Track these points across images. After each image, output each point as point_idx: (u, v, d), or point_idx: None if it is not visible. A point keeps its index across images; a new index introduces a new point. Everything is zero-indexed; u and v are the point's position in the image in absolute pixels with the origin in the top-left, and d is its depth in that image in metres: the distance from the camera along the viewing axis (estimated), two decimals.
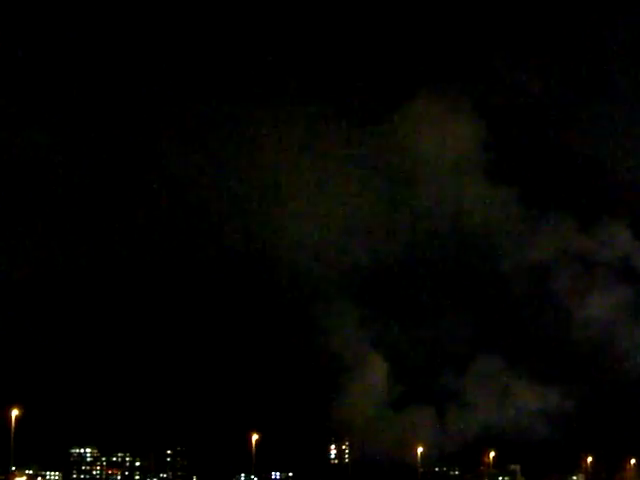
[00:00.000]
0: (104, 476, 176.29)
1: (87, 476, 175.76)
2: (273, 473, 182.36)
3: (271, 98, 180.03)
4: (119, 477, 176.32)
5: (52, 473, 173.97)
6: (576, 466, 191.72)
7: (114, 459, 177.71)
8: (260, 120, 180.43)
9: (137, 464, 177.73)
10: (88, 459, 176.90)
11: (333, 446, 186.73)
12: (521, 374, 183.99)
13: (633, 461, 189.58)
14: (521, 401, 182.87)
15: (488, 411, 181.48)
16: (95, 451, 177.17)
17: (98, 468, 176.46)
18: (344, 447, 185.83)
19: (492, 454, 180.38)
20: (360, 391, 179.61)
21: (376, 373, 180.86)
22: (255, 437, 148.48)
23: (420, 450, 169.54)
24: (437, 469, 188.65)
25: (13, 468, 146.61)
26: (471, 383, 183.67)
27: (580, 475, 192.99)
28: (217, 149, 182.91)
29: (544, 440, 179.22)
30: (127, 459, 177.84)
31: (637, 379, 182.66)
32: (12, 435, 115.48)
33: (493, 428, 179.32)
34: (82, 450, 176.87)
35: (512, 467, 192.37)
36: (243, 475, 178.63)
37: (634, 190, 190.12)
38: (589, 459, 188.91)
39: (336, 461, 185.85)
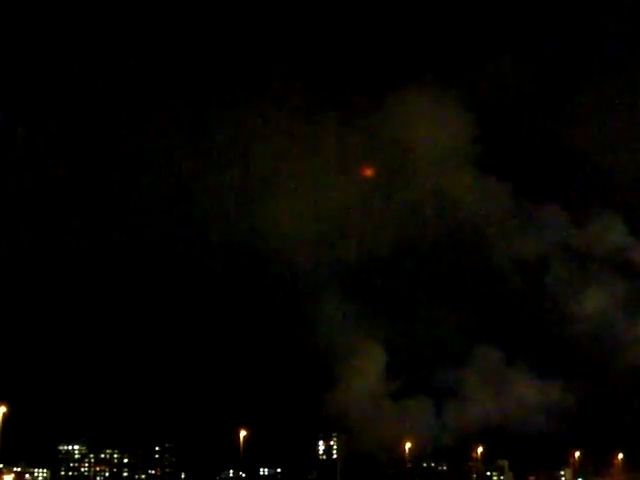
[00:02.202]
0: (92, 473, 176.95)
1: (75, 473, 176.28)
2: (261, 469, 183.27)
3: (258, 90, 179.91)
4: (107, 474, 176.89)
5: (40, 470, 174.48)
6: (564, 461, 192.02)
7: (102, 456, 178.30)
8: (247, 112, 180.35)
9: (125, 461, 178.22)
10: (76, 456, 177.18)
11: (321, 442, 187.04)
12: (519, 367, 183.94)
13: (620, 456, 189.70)
14: (519, 394, 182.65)
15: (486, 405, 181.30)
16: (83, 448, 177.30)
17: (86, 465, 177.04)
18: (332, 443, 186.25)
19: (480, 449, 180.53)
20: (356, 383, 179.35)
21: (372, 365, 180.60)
22: (243, 433, 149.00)
23: (408, 445, 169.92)
24: (425, 464, 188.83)
25: (0, 465, 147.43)
26: (468, 376, 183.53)
27: (568, 470, 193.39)
28: (204, 143, 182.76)
29: (541, 434, 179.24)
30: (115, 456, 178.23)
31: (633, 372, 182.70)
32: None
33: (491, 422, 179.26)
34: (70, 447, 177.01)
35: (500, 463, 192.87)
36: (231, 471, 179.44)
37: (628, 183, 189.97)
38: (577, 454, 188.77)
39: (324, 457, 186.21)
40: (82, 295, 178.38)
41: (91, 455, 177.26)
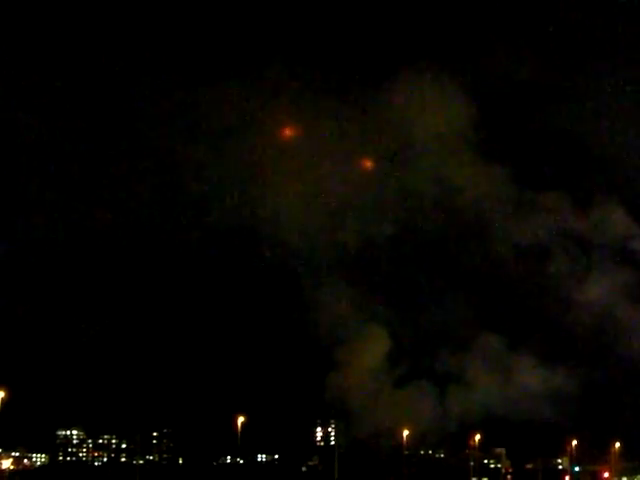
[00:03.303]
0: (90, 458, 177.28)
1: (73, 458, 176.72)
2: (259, 455, 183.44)
3: (254, 74, 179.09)
4: (105, 459, 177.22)
5: (38, 455, 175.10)
6: (562, 449, 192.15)
7: (100, 441, 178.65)
8: (245, 97, 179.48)
9: (123, 446, 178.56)
10: (74, 441, 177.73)
11: (319, 428, 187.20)
12: (521, 354, 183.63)
13: (617, 444, 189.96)
14: (521, 381, 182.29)
15: (488, 391, 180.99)
16: (81, 433, 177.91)
17: (84, 450, 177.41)
18: (330, 429, 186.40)
19: (478, 437, 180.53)
20: (357, 370, 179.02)
21: (374, 352, 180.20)
22: (241, 419, 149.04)
23: (406, 433, 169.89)
24: (423, 452, 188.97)
25: None
26: (470, 363, 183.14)
27: (565, 458, 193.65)
28: (199, 125, 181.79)
29: (542, 421, 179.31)
30: (113, 441, 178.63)
31: (634, 360, 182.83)
32: None
33: (493, 409, 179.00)
34: (68, 432, 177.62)
35: (497, 450, 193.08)
36: (229, 457, 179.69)
37: (631, 170, 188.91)
38: (574, 442, 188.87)
39: (322, 443, 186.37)
40: (79, 281, 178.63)
41: (89, 440, 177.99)
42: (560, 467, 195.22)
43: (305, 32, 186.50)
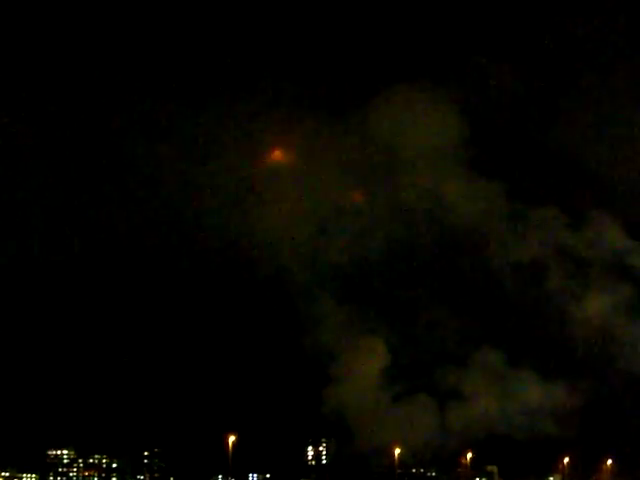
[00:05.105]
0: (81, 478, 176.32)
1: (64, 478, 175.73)
2: (250, 475, 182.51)
3: (242, 91, 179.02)
4: (96, 479, 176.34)
5: (29, 475, 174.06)
6: (553, 467, 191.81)
7: (91, 461, 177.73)
8: (231, 115, 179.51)
9: (114, 466, 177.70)
10: (65, 461, 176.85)
11: (310, 447, 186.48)
12: (520, 371, 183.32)
13: (610, 462, 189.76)
14: (521, 398, 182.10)
15: (488, 409, 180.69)
16: (72, 453, 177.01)
17: (75, 470, 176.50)
18: (321, 448, 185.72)
19: (469, 455, 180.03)
20: (352, 388, 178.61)
21: (369, 369, 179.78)
22: (232, 438, 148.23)
23: (398, 451, 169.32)
24: (414, 470, 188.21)
25: None
26: (469, 380, 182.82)
27: (557, 476, 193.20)
28: (187, 145, 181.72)
29: (543, 438, 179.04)
30: (104, 461, 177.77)
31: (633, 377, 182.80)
32: None
33: (493, 426, 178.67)
34: (59, 452, 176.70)
35: (489, 468, 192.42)
36: (220, 476, 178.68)
37: (625, 185, 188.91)
38: (566, 460, 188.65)
39: (313, 462, 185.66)
40: (70, 300, 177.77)
41: (80, 460, 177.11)
42: None
43: (295, 47, 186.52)
